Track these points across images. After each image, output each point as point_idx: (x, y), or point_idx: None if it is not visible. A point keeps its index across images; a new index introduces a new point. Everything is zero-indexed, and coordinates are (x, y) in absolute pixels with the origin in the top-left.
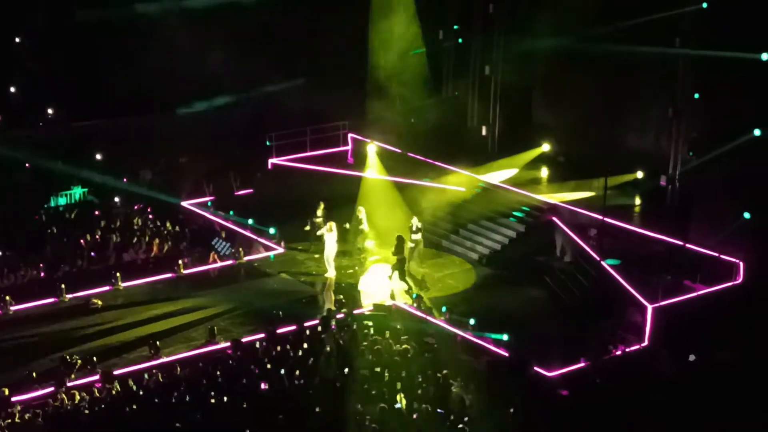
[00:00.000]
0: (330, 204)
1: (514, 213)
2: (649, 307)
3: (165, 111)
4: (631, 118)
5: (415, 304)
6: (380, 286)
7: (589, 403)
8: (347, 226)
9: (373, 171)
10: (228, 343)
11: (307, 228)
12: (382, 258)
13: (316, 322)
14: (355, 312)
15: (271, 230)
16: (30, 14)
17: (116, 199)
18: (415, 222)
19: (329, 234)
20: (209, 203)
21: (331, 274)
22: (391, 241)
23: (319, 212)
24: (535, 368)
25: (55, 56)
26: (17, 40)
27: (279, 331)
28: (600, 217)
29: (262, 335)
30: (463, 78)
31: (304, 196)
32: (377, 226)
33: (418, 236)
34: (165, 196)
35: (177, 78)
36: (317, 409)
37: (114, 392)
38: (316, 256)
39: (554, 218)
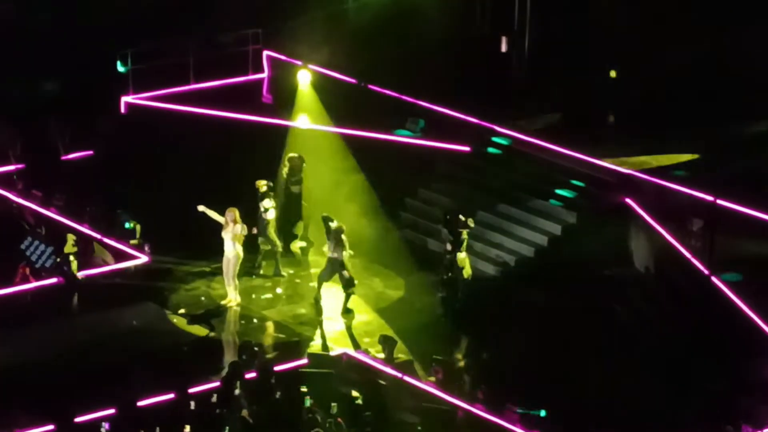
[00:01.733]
0: (235, 178)
1: (558, 192)
2: None
3: None
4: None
5: (382, 352)
6: (326, 319)
7: None
8: (267, 213)
9: (306, 118)
10: (50, 426)
11: (206, 211)
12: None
13: (211, 386)
14: (278, 369)
15: (126, 223)
16: None
17: None
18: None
19: (232, 233)
20: (15, 176)
21: (232, 297)
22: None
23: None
24: None
25: None
26: None
27: (140, 403)
28: (711, 198)
29: (107, 412)
30: None
31: (185, 163)
32: (315, 218)
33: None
34: None
35: None
36: None
37: None
38: (208, 269)
39: (629, 200)
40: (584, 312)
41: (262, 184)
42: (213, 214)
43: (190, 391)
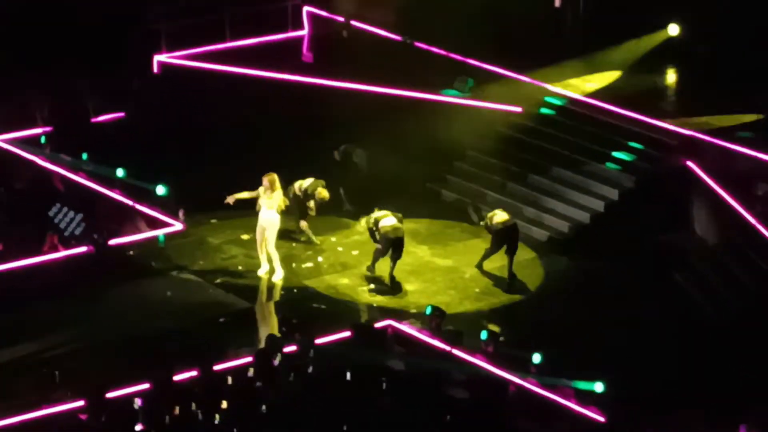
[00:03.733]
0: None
1: (615, 155)
2: None
3: None
4: None
5: (428, 322)
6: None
7: None
8: (301, 186)
9: (349, 76)
10: (81, 402)
11: (234, 198)
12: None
13: (246, 361)
14: (319, 341)
15: (160, 189)
16: None
17: None
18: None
19: (268, 200)
20: (43, 139)
21: (267, 271)
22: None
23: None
24: None
25: None
26: None
27: (176, 378)
28: None
29: (142, 386)
30: None
31: (220, 125)
32: (364, 185)
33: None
34: None
35: None
36: None
37: None
38: (245, 237)
39: (691, 163)
40: (640, 285)
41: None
42: (244, 195)
43: (226, 365)
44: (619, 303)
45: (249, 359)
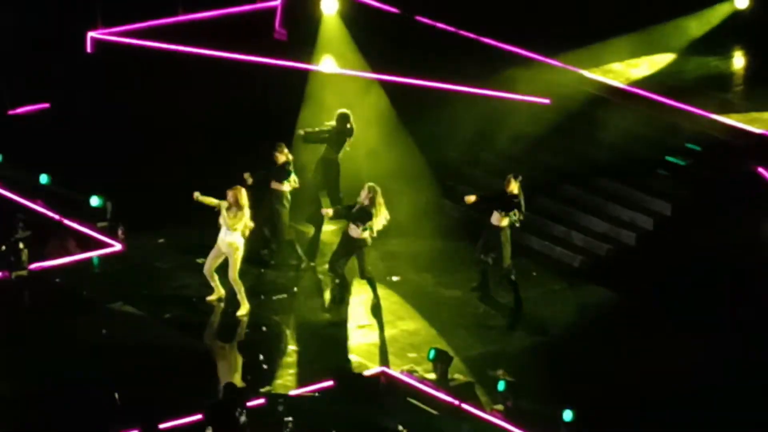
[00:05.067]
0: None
1: (668, 158)
2: None
3: None
4: None
5: (433, 372)
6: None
7: None
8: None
9: (331, 60)
10: None
11: (200, 199)
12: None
13: (195, 418)
14: (294, 393)
15: (94, 200)
16: None
17: None
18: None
19: (231, 219)
20: None
21: (218, 297)
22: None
23: (282, 157)
24: None
25: None
26: None
27: None
28: None
29: None
30: None
31: (170, 119)
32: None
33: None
34: None
35: None
36: None
37: None
38: (201, 261)
39: (762, 169)
40: (700, 314)
41: (283, 152)
42: (209, 200)
43: (174, 423)
44: (670, 347)
45: (201, 416)
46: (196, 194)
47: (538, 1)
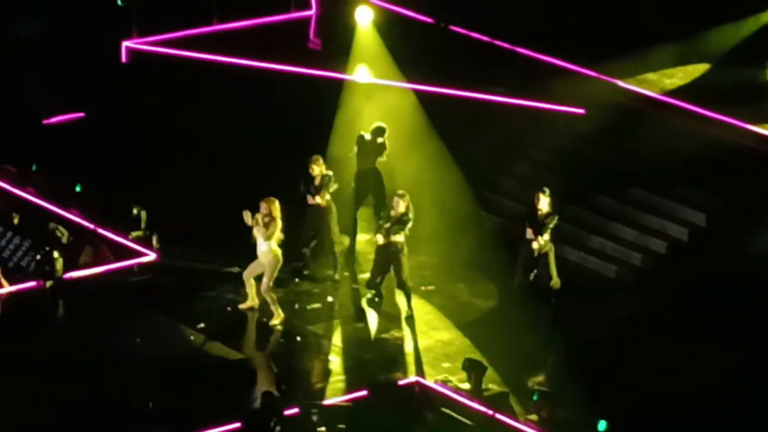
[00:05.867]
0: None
1: (701, 169)
2: None
3: None
4: None
5: (467, 382)
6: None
7: None
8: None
9: (366, 70)
10: None
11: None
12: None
13: (229, 428)
14: (327, 403)
15: (134, 210)
16: None
17: None
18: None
19: (264, 232)
20: None
21: (251, 306)
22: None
23: (317, 169)
24: None
25: None
26: None
27: None
28: None
29: None
30: None
31: (205, 129)
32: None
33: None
34: None
35: None
36: None
37: None
38: (236, 270)
39: None
40: (736, 324)
41: (319, 165)
42: (249, 219)
43: None
44: (706, 357)
45: (239, 424)
46: (246, 215)
47: (573, 12)
